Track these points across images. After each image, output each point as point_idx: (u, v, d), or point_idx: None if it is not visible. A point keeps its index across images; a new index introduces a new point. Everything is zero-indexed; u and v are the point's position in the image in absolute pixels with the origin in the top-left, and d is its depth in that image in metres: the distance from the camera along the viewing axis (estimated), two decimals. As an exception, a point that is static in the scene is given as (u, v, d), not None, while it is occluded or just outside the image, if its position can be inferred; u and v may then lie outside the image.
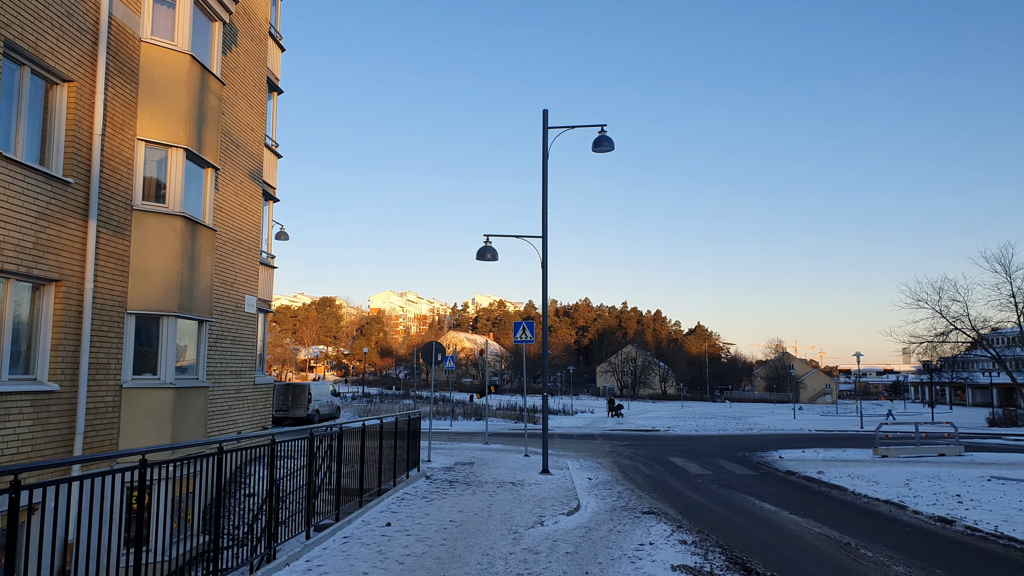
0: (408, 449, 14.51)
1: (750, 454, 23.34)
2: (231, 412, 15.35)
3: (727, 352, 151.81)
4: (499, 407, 51.41)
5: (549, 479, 15.34)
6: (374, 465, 12.09)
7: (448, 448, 22.49)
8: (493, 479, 15.09)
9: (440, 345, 18.78)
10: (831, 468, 18.30)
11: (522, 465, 17.86)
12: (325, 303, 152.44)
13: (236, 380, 15.58)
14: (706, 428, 39.23)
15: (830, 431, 38.05)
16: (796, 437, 32.51)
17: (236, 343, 15.59)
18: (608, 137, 16.74)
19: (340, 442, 10.62)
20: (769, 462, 20.36)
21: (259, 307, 17.47)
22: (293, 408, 34.06)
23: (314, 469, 9.48)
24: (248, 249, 16.30)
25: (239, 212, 15.80)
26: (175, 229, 12.00)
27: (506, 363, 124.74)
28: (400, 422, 13.99)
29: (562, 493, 13.36)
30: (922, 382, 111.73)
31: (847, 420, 53.84)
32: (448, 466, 17.40)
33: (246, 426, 16.09)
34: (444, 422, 37.37)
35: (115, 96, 11.14)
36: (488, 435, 26.94)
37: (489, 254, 16.95)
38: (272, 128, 18.50)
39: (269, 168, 18.13)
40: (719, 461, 20.98)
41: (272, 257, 18.46)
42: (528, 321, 20.48)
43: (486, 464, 17.99)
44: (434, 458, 19.02)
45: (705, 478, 16.97)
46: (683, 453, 23.52)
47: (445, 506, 11.56)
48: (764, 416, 61.80)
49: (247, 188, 16.25)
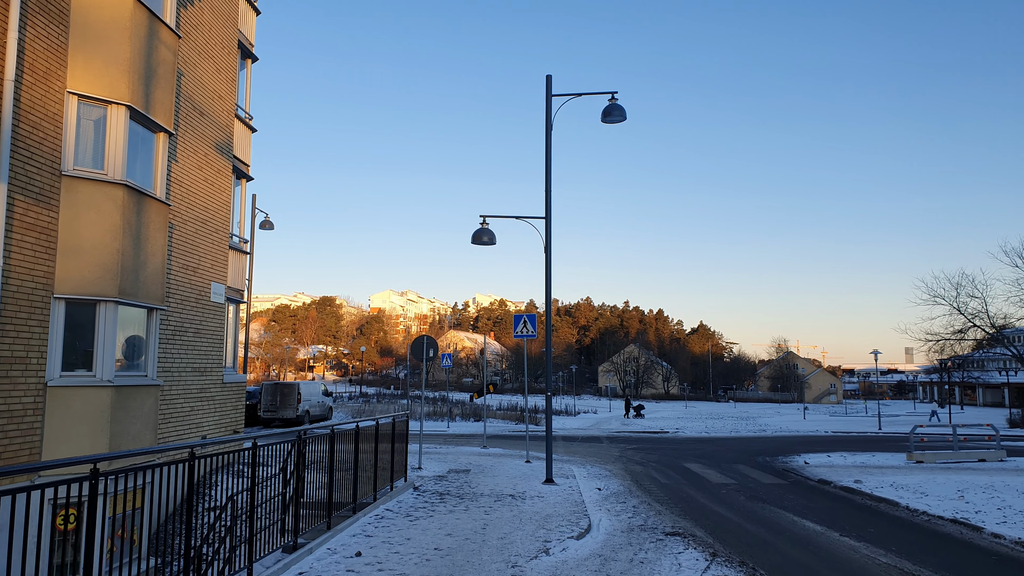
0: (393, 456, 12.69)
1: (771, 459, 21.51)
2: (193, 414, 13.54)
3: (730, 352, 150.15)
4: (499, 407, 49.57)
5: (554, 490, 13.52)
6: (348, 475, 10.29)
7: (443, 453, 20.68)
8: (490, 491, 13.28)
9: (432, 339, 16.96)
10: (867, 476, 16.46)
11: (523, 473, 16.05)
12: (325, 302, 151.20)
13: (199, 378, 13.77)
14: (717, 430, 37.39)
15: (848, 433, 36.20)
16: (814, 440, 30.66)
17: (200, 336, 13.77)
18: (619, 106, 14.95)
19: (299, 448, 8.80)
20: (795, 468, 18.53)
21: (230, 296, 15.65)
22: (282, 409, 32.26)
23: (259, 488, 7.66)
24: (215, 231, 14.49)
25: (204, 188, 13.98)
26: (115, 200, 10.19)
27: (507, 362, 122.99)
28: (383, 425, 12.17)
29: (569, 509, 11.54)
30: (931, 381, 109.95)
31: (859, 421, 51.96)
32: (441, 474, 15.59)
33: (212, 430, 14.28)
34: (441, 423, 35.56)
35: (37, 39, 9.33)
36: (487, 438, 25.13)
37: (486, 237, 15.13)
38: (245, 99, 16.70)
39: (242, 143, 16.32)
40: (740, 467, 19.15)
41: (245, 242, 16.65)
42: (530, 314, 18.66)
43: (483, 472, 16.18)
44: (426, 464, 17.21)
45: (729, 488, 15.14)
46: (698, 458, 21.69)
47: (431, 527, 9.74)
48: (772, 416, 59.93)
49: (214, 162, 14.44)
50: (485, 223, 15.22)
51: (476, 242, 15.11)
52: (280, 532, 8.25)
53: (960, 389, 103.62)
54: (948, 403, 62.83)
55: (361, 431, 10.99)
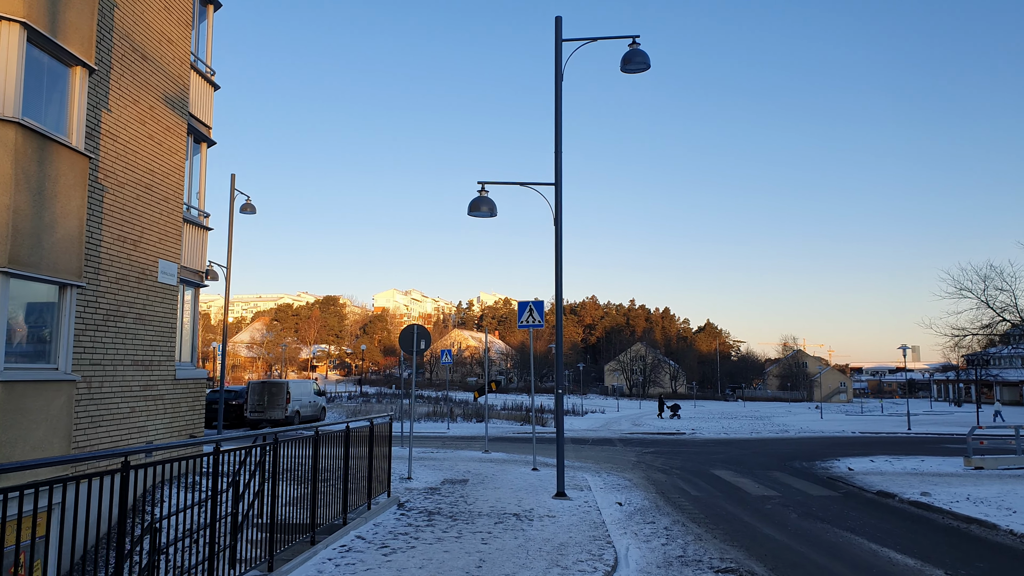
0: (371, 466, 10.41)
1: (808, 464, 19.17)
2: (135, 416, 11.28)
3: (737, 350, 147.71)
4: (503, 407, 47.29)
5: (567, 507, 11.23)
6: (318, 491, 8.03)
7: (439, 458, 18.39)
8: (490, 508, 10.99)
9: (424, 329, 14.66)
10: (931, 486, 14.12)
11: (530, 483, 13.75)
12: (329, 302, 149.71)
13: (143, 373, 11.51)
14: (735, 430, 35.01)
15: (876, 433, 33.78)
16: (844, 442, 28.28)
17: (143, 322, 11.52)
18: (642, 51, 12.61)
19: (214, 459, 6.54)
20: (841, 476, 16.19)
21: (185, 279, 13.40)
22: (269, 409, 30.07)
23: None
24: (164, 199, 12.23)
25: (148, 147, 11.73)
26: (5, 142, 7.94)
27: (512, 361, 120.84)
28: (358, 430, 9.90)
29: (588, 533, 9.25)
30: (947, 379, 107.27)
31: (882, 420, 49.49)
32: (433, 485, 13.30)
33: (161, 434, 12.03)
34: (440, 425, 33.28)
35: None
36: (489, 440, 22.86)
37: (485, 207, 12.83)
38: (206, 50, 14.44)
39: (201, 100, 14.06)
40: (776, 475, 16.82)
41: (206, 216, 14.37)
42: (536, 301, 16.38)
43: (483, 482, 13.89)
44: (418, 473, 14.93)
45: (773, 502, 12.82)
46: (726, 463, 19.36)
47: (410, 565, 7.44)
48: (787, 416, 57.46)
49: (163, 118, 12.18)
50: (484, 191, 12.92)
51: (474, 212, 12.80)
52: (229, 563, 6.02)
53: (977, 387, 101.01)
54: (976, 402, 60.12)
55: (329, 436, 8.73)
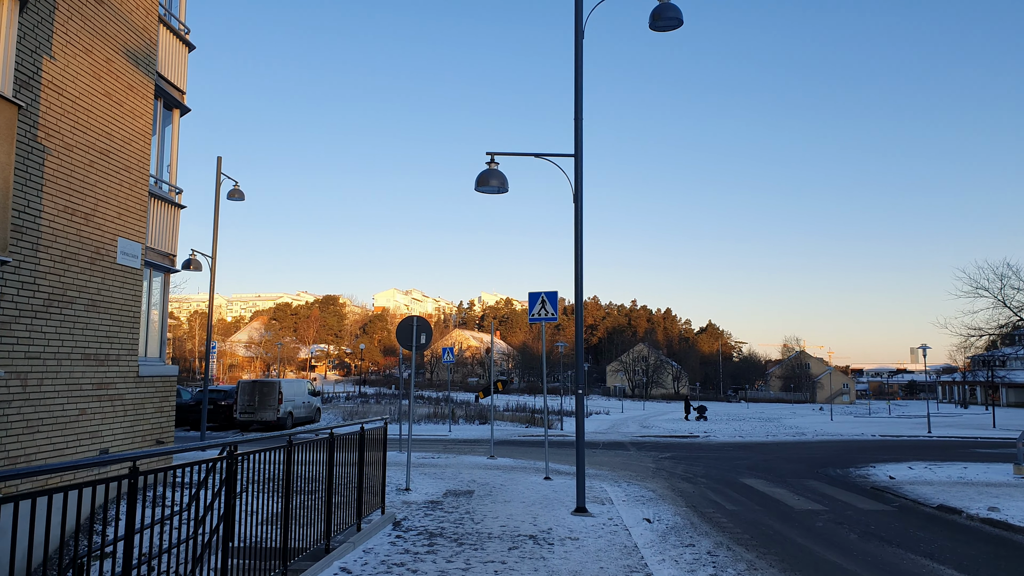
0: (361, 480, 8.80)
1: (842, 471, 17.57)
2: (86, 419, 9.68)
3: (739, 351, 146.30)
4: (507, 408, 45.68)
5: (590, 526, 9.63)
6: (297, 512, 6.43)
7: (440, 465, 16.78)
8: (501, 528, 9.39)
9: (423, 321, 13.04)
10: (993, 499, 12.51)
11: (543, 496, 12.16)
12: (328, 301, 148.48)
13: (97, 368, 9.91)
14: (749, 433, 33.40)
15: (897, 437, 32.17)
16: (868, 446, 26.68)
17: (97, 310, 9.92)
18: (673, 5, 11.03)
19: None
20: (888, 487, 14.57)
21: (153, 261, 11.80)
22: (260, 410, 28.47)
23: None
24: (126, 168, 10.63)
25: (105, 106, 10.13)
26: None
27: (513, 362, 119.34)
28: (344, 436, 8.29)
29: (621, 562, 7.65)
30: (953, 381, 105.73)
31: (893, 423, 47.85)
32: (434, 498, 11.70)
33: (118, 440, 10.42)
34: (442, 427, 31.67)
35: None
36: (494, 444, 21.27)
37: (495, 180, 11.21)
38: (180, 4, 12.84)
39: (173, 60, 12.46)
40: (811, 483, 15.22)
41: (178, 192, 12.75)
42: (550, 292, 14.78)
43: (491, 494, 12.29)
44: (418, 482, 13.34)
45: (822, 518, 11.21)
46: (752, 470, 17.76)
47: (407, 612, 5.84)
48: (795, 418, 55.82)
49: (123, 74, 10.58)
50: (494, 162, 11.31)
51: (482, 187, 11.19)
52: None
53: (983, 389, 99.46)
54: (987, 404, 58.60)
55: (309, 445, 7.14)
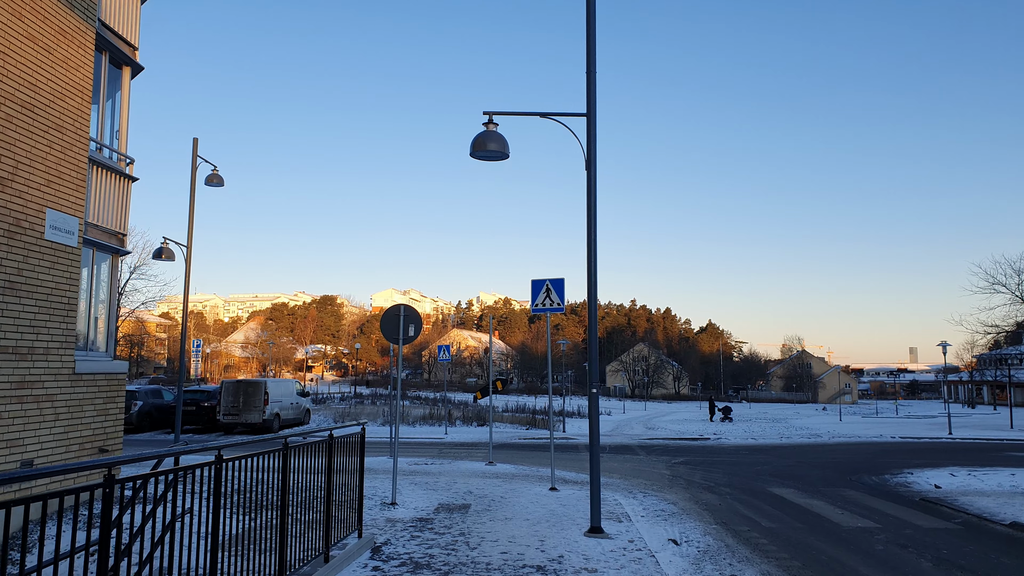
0: (329, 501, 7.15)
1: (877, 479, 15.94)
2: (3, 425, 8.03)
3: (739, 351, 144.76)
4: (506, 409, 44.03)
5: (607, 552, 7.99)
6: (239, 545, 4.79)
7: (433, 473, 15.13)
8: (502, 555, 7.75)
9: (411, 311, 11.37)
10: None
11: (550, 511, 10.52)
12: (326, 301, 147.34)
13: (18, 364, 8.26)
14: (762, 435, 31.75)
15: (919, 439, 30.53)
16: (892, 448, 25.05)
17: (18, 294, 8.27)
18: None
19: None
20: (938, 498, 12.95)
21: (94, 239, 10.15)
22: (245, 412, 26.79)
23: None
24: (57, 128, 8.98)
25: (27, 52, 8.48)
26: None
27: (512, 362, 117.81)
28: (302, 447, 6.66)
29: (657, 606, 6.01)
30: (960, 380, 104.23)
31: (906, 423, 46.16)
32: (424, 515, 10.06)
33: (46, 450, 8.77)
34: (438, 429, 30.01)
35: None
36: (493, 448, 19.62)
37: (493, 144, 9.53)
38: (130, -53, 11.19)
39: (120, 9, 10.81)
40: (850, 494, 13.59)
41: (128, 161, 11.07)
42: (555, 279, 13.14)
43: (490, 509, 10.65)
44: (405, 495, 11.70)
45: (879, 538, 9.58)
46: (777, 477, 16.13)
47: None
48: (800, 418, 54.16)
49: (53, 16, 8.93)
50: (492, 123, 9.64)
51: (479, 151, 9.52)
52: None
53: (989, 388, 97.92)
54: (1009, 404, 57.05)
55: (245, 460, 5.51)
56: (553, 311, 13.03)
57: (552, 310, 13.01)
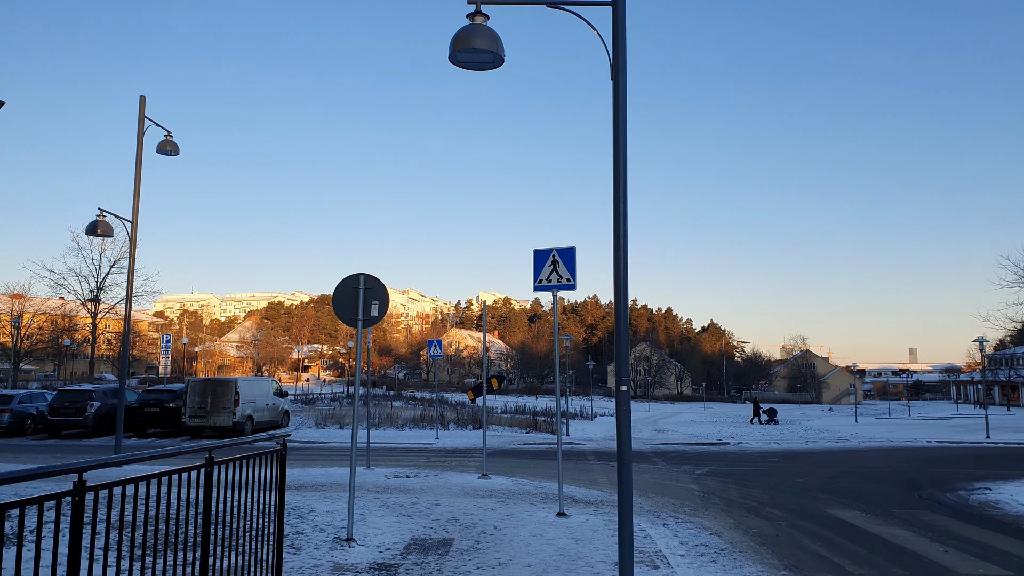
0: (206, 560, 4.43)
1: (950, 494, 13.27)
2: None
3: (742, 351, 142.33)
4: (505, 411, 41.33)
5: (655, 630, 5.27)
6: None
7: (414, 490, 12.38)
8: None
9: (374, 280, 8.62)
10: None
11: (560, 552, 7.79)
12: (324, 300, 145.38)
13: None
14: (784, 439, 29.07)
15: (957, 443, 27.84)
16: (940, 455, 22.39)
17: None
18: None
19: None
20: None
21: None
22: (213, 414, 24.08)
23: None
24: None
25: None
26: None
27: (512, 362, 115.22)
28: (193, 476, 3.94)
29: None
30: (973, 380, 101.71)
31: (932, 426, 43.49)
32: (386, 561, 7.32)
33: None
34: (428, 433, 27.29)
35: None
36: (489, 456, 16.82)
37: (481, 41, 6.73)
38: None
39: None
40: (931, 518, 10.90)
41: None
42: (564, 248, 10.46)
43: (478, 547, 7.92)
44: (372, 524, 8.98)
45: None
46: (829, 493, 13.43)
47: None
48: (810, 419, 51.66)
49: None
50: (479, 14, 6.92)
51: (461, 51, 6.74)
52: None
53: (1000, 388, 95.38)
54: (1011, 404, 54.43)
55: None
56: (561, 288, 10.36)
57: (560, 287, 10.34)
